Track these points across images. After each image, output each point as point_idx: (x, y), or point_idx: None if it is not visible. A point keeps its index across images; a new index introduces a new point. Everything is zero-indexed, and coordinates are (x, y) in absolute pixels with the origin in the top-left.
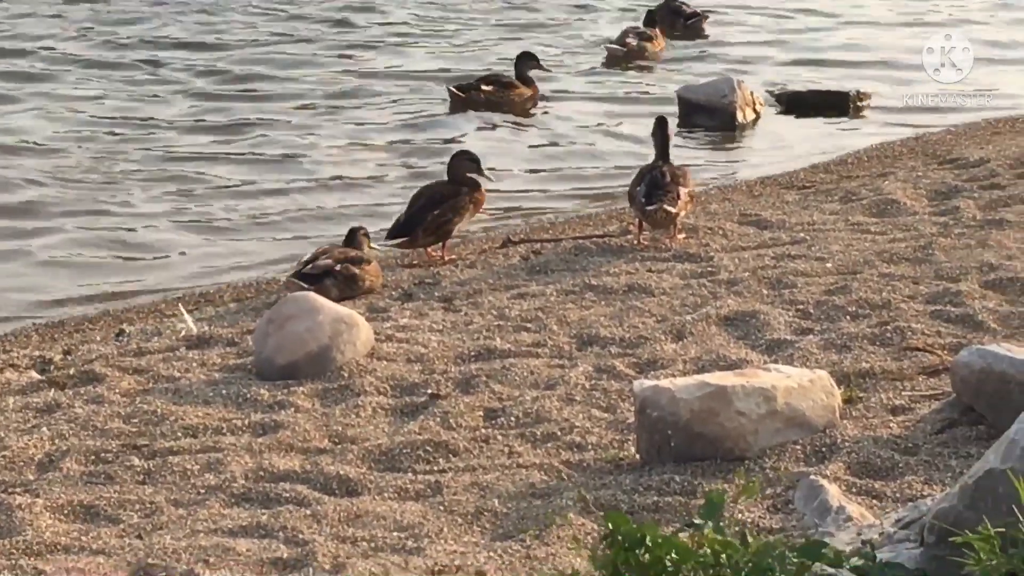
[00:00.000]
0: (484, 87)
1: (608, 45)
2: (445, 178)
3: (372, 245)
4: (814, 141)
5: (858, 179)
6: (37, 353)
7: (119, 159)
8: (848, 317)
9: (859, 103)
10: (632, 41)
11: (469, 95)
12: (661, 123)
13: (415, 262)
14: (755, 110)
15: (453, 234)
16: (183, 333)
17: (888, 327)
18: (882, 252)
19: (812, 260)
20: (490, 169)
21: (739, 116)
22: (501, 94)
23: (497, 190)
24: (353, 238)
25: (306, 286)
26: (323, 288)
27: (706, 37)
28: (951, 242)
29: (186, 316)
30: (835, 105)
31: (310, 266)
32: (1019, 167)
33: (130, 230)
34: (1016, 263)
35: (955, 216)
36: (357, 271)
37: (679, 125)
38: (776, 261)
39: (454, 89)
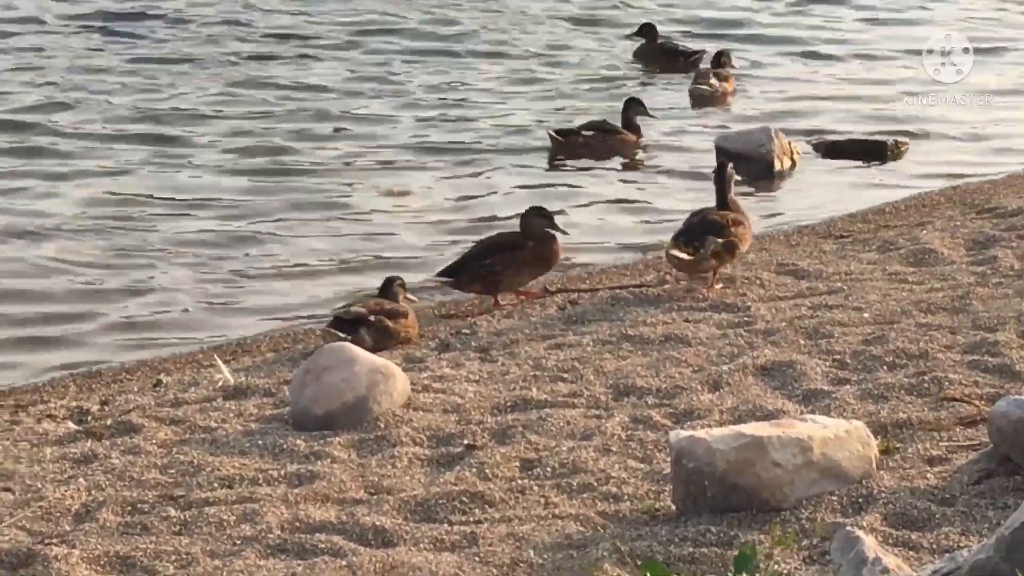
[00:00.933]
0: (585, 133)
1: (694, 87)
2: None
3: (408, 296)
4: (851, 190)
5: (895, 228)
6: (74, 403)
7: (151, 211)
8: (885, 367)
9: (896, 152)
10: (715, 82)
11: (569, 140)
12: (719, 169)
13: (452, 312)
14: (792, 159)
15: (507, 286)
16: (220, 383)
17: (925, 377)
18: (919, 302)
19: (849, 310)
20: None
21: (776, 165)
22: (602, 140)
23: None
24: (388, 288)
25: (343, 335)
26: (358, 338)
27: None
28: (989, 292)
29: (222, 367)
30: (872, 154)
31: (343, 309)
32: None
33: (164, 282)
34: None
35: (993, 266)
36: (391, 324)
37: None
38: (813, 311)
39: (554, 133)
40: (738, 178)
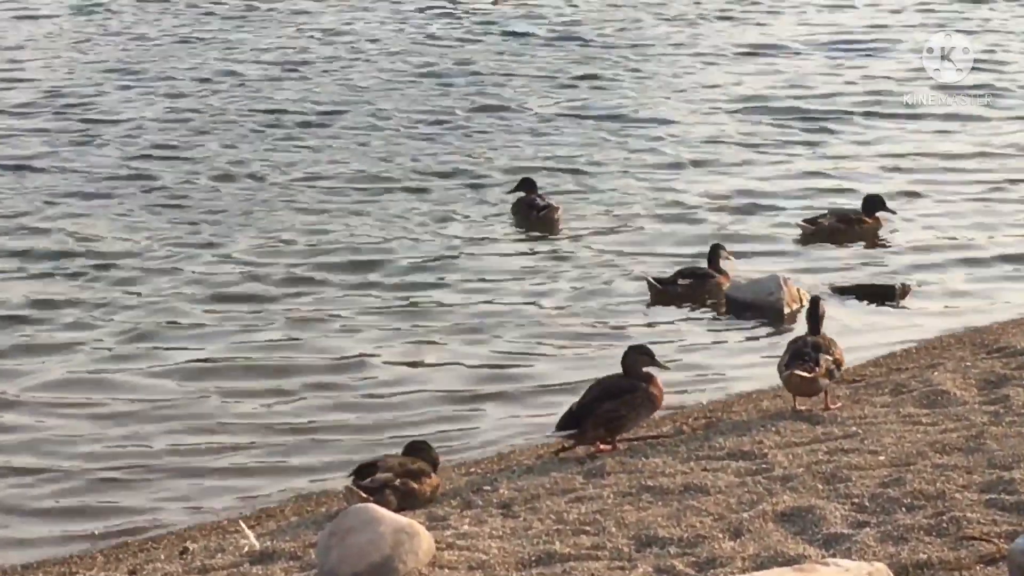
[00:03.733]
0: (682, 281)
1: (800, 223)
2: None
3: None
4: (862, 335)
5: (907, 371)
6: (103, 574)
7: (167, 378)
8: (903, 509)
9: (904, 295)
10: (823, 221)
11: (667, 288)
12: (813, 304)
13: (472, 470)
14: (802, 305)
15: (627, 429)
16: (246, 549)
17: (943, 517)
18: (934, 443)
19: (865, 453)
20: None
21: (787, 311)
22: (701, 285)
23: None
24: (413, 451)
25: (366, 496)
26: (383, 499)
27: (559, 231)
28: (1003, 431)
29: (247, 532)
30: (881, 298)
31: (368, 480)
32: None
33: (183, 449)
34: None
35: (1005, 404)
36: (416, 485)
37: (727, 322)
38: (829, 455)
39: (653, 280)
40: (818, 313)
